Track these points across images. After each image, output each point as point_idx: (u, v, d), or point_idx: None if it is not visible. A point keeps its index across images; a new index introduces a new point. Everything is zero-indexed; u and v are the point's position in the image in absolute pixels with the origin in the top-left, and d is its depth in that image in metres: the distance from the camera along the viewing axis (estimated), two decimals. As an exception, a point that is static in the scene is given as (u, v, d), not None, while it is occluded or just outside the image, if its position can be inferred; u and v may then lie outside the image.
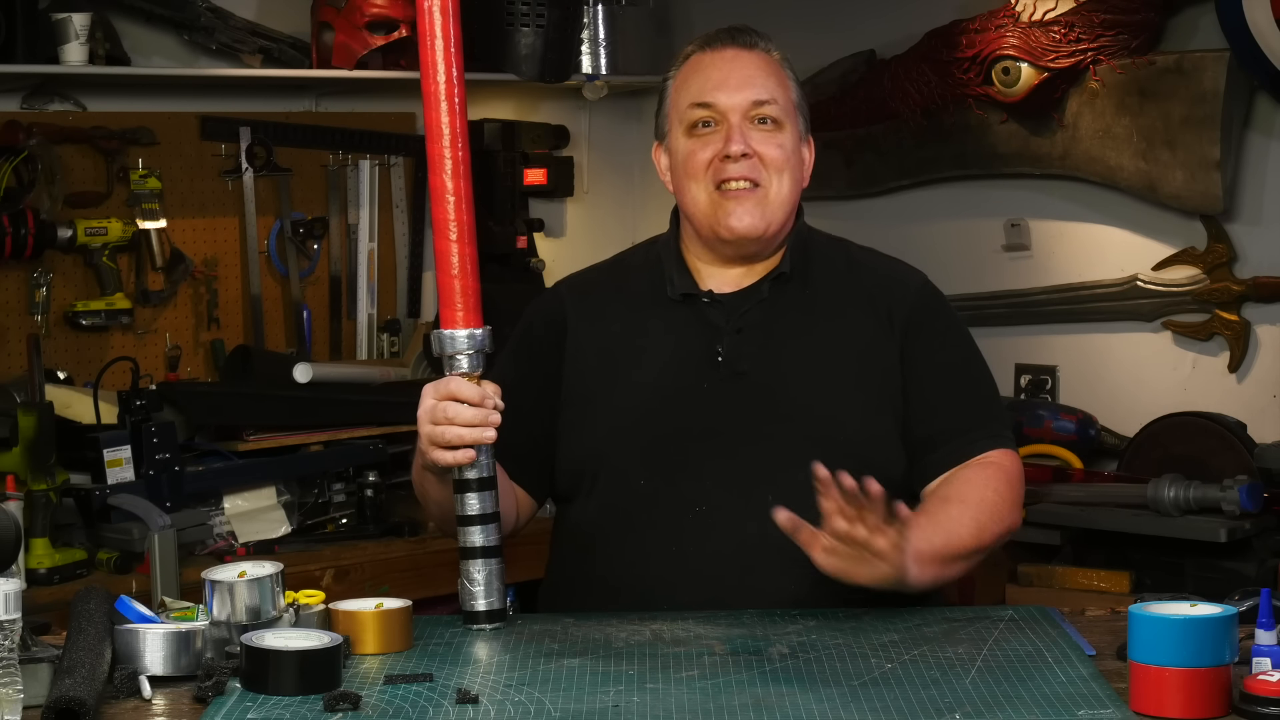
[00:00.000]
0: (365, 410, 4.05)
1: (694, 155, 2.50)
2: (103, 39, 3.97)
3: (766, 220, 2.48)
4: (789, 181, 2.50)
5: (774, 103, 2.50)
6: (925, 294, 2.58)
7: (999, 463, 2.48)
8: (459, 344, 2.25)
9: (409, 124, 4.64)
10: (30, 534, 3.34)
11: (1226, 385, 4.15)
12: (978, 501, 2.41)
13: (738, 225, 2.47)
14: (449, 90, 2.23)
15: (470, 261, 2.25)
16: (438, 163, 2.25)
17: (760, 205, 2.48)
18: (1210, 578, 3.73)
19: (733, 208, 2.47)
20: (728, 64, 2.52)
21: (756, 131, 2.49)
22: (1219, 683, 1.86)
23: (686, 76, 2.55)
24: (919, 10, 4.48)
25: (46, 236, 3.92)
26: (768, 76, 2.52)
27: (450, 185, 2.24)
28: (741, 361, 2.48)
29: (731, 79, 2.50)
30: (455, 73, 2.24)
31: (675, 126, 2.54)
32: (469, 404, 2.24)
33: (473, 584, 2.26)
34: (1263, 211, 4.09)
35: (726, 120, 2.49)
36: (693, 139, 2.51)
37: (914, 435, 2.49)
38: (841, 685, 1.99)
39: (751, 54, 2.53)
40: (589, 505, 2.51)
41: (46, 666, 1.96)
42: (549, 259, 4.77)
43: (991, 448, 2.49)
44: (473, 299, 2.26)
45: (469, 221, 2.25)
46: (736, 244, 2.50)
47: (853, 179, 4.65)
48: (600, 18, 4.59)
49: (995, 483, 2.45)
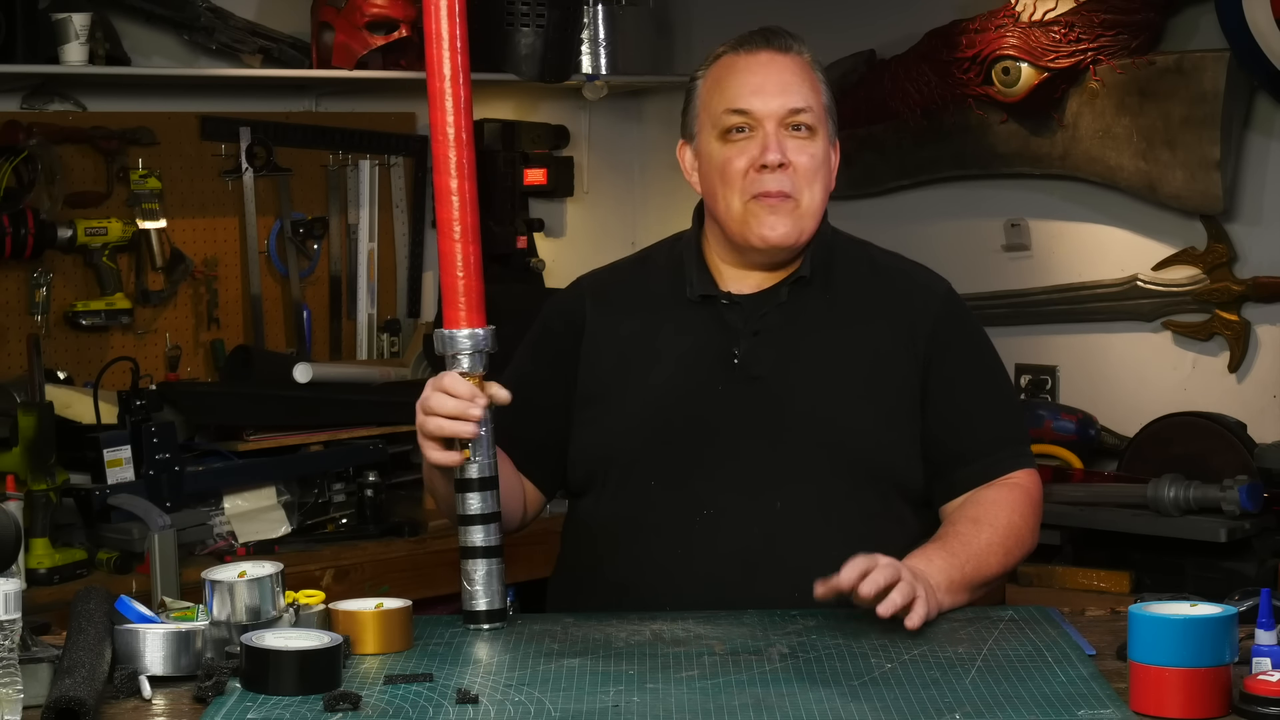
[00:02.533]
0: (365, 410, 4.05)
1: (730, 163, 2.47)
2: (103, 39, 3.97)
3: (799, 230, 2.47)
4: (820, 190, 2.49)
5: (809, 110, 2.48)
6: (951, 304, 2.56)
7: (1024, 485, 2.49)
8: (460, 344, 2.25)
9: (409, 124, 4.64)
10: (30, 534, 3.34)
11: (1226, 385, 4.15)
12: (1005, 526, 2.42)
13: (771, 235, 2.46)
14: (454, 91, 2.23)
15: (474, 261, 2.25)
16: (442, 163, 2.25)
17: (793, 216, 2.46)
18: (1210, 578, 3.73)
19: (766, 217, 2.46)
20: (763, 68, 2.49)
21: (791, 139, 2.47)
22: (1219, 683, 1.86)
23: (719, 78, 2.51)
24: (919, 10, 4.48)
25: (46, 236, 3.92)
26: (802, 82, 2.49)
27: (454, 186, 2.24)
28: (757, 365, 2.47)
29: (768, 85, 2.47)
30: (461, 74, 2.23)
31: (706, 129, 2.51)
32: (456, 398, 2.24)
33: (473, 584, 2.26)
34: (1263, 211, 4.09)
35: (762, 127, 2.46)
36: (727, 145, 2.48)
37: (941, 450, 2.48)
38: (841, 685, 1.99)
39: (786, 58, 2.50)
40: (601, 502, 2.51)
41: (46, 666, 1.96)
42: (549, 259, 4.77)
43: (1016, 467, 2.50)
44: (476, 298, 2.26)
45: (473, 222, 2.25)
46: (768, 253, 2.50)
47: (853, 179, 4.64)
48: (600, 18, 4.59)
49: (1021, 506, 2.46)
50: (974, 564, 2.35)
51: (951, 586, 2.30)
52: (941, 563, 2.32)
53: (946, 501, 2.49)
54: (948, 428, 2.48)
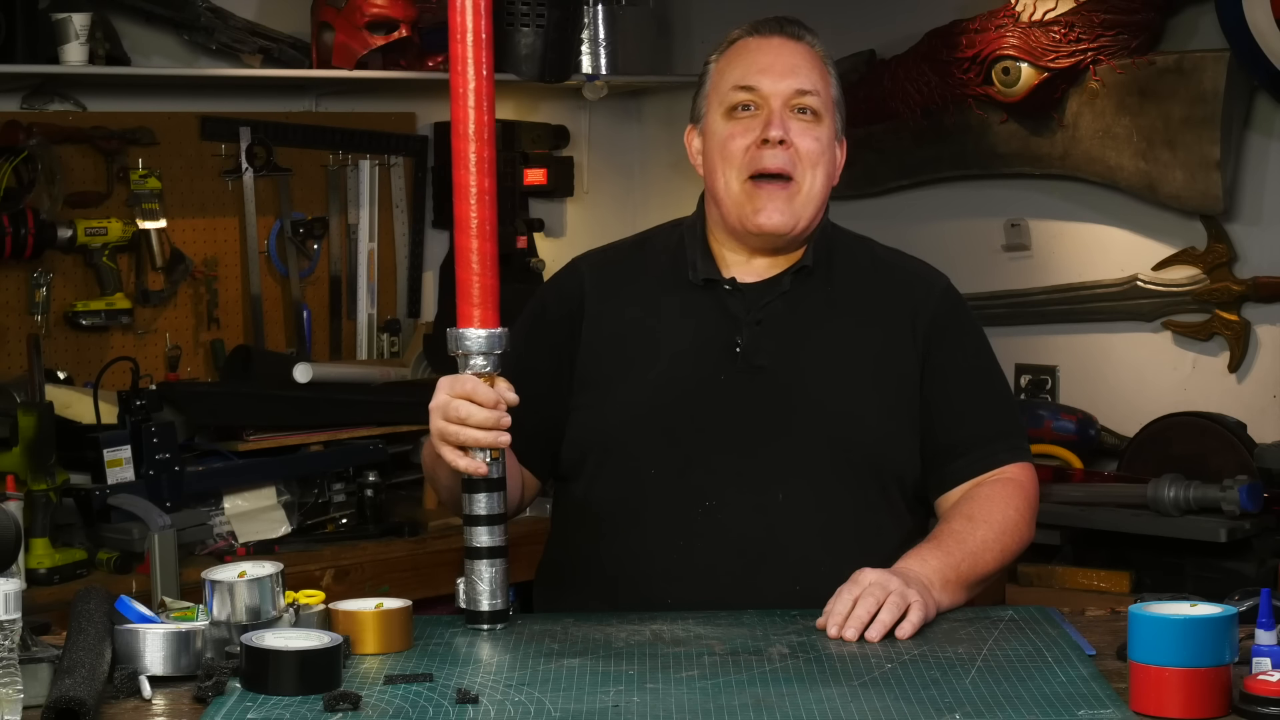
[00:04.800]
0: (365, 410, 4.05)
1: (731, 139, 2.48)
2: (103, 39, 3.97)
3: (796, 217, 2.47)
4: (821, 177, 2.49)
5: (816, 94, 2.49)
6: (949, 298, 2.57)
7: (1018, 479, 2.49)
8: (472, 343, 2.22)
9: (409, 124, 4.64)
10: (30, 534, 3.34)
11: (1226, 385, 4.15)
12: (1000, 522, 2.42)
13: (766, 223, 2.46)
14: (478, 87, 2.21)
15: (490, 260, 2.22)
16: (462, 159, 2.22)
17: (790, 202, 2.46)
18: (1210, 578, 3.73)
19: (763, 203, 2.46)
20: (774, 50, 2.51)
21: (796, 121, 2.47)
22: (1219, 683, 1.86)
23: (731, 59, 2.53)
24: (919, 10, 4.48)
25: (46, 236, 3.92)
26: (812, 69, 2.50)
27: (474, 182, 2.21)
28: (760, 355, 2.47)
29: (777, 65, 2.49)
30: (485, 69, 2.21)
31: (714, 108, 2.52)
32: (482, 405, 2.21)
33: (478, 584, 2.26)
34: (1263, 211, 4.09)
35: (768, 105, 2.47)
36: (732, 121, 2.49)
37: (936, 442, 2.49)
38: (841, 685, 1.99)
39: (798, 45, 2.52)
40: (595, 488, 2.50)
41: (46, 666, 1.96)
42: (549, 259, 4.77)
43: (1011, 460, 2.50)
44: (491, 298, 2.22)
45: (491, 219, 2.22)
46: (763, 239, 2.50)
47: (853, 179, 4.63)
48: (600, 18, 4.59)
49: (1015, 500, 2.46)
50: (970, 562, 2.35)
51: (947, 586, 2.30)
52: (936, 562, 2.32)
53: (942, 494, 2.49)
54: (941, 419, 2.49)
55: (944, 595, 2.29)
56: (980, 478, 2.48)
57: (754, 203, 2.46)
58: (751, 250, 2.53)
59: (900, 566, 2.29)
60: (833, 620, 2.19)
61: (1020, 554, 2.48)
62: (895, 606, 2.19)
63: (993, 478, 2.48)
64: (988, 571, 2.39)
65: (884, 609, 2.18)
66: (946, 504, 2.48)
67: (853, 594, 2.20)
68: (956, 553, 2.34)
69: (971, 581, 2.36)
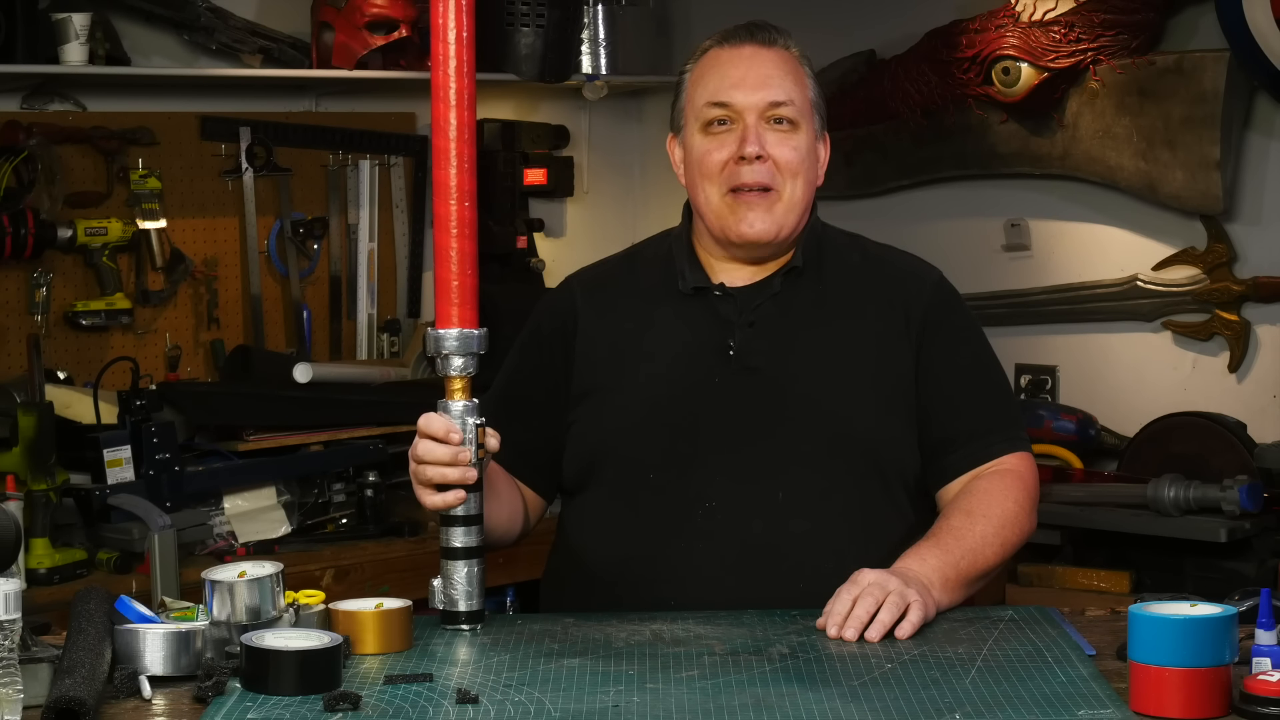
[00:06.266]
0: (365, 410, 4.05)
1: (709, 155, 2.48)
2: (103, 39, 3.98)
3: (778, 225, 2.47)
4: (802, 185, 2.48)
5: (790, 103, 2.47)
6: (942, 291, 2.56)
7: (1016, 470, 2.49)
8: (448, 344, 2.23)
9: (409, 124, 4.65)
10: (30, 534, 3.34)
11: (1226, 385, 4.16)
12: (1000, 515, 2.42)
13: (748, 232, 2.46)
14: (459, 85, 2.21)
15: (469, 259, 2.22)
16: (443, 158, 2.22)
17: (771, 211, 2.46)
18: (1210, 578, 3.73)
19: (744, 213, 2.46)
20: (745, 62, 2.49)
21: (772, 133, 2.46)
22: (1219, 683, 1.86)
23: (704, 72, 2.52)
24: (919, 10, 4.48)
25: (46, 236, 3.93)
26: (785, 76, 2.49)
27: (454, 181, 2.22)
28: (753, 356, 2.47)
29: (749, 78, 2.47)
30: (466, 67, 2.21)
31: (690, 122, 2.52)
32: (437, 440, 2.20)
33: (454, 585, 2.25)
34: (1263, 211, 4.09)
35: (742, 120, 2.46)
36: (708, 138, 2.48)
37: (932, 436, 2.48)
38: (841, 685, 1.99)
39: (770, 51, 2.50)
40: (598, 496, 2.51)
41: (46, 666, 1.96)
42: (549, 259, 4.77)
43: (1009, 451, 2.49)
44: (469, 297, 2.22)
45: (471, 218, 2.23)
46: (748, 248, 2.50)
47: (853, 179, 4.65)
48: (600, 18, 4.59)
49: (1015, 492, 2.46)
50: (970, 558, 2.35)
51: (947, 584, 2.30)
52: (936, 561, 2.32)
53: (941, 486, 2.49)
54: (937, 413, 2.49)
55: (944, 594, 2.29)
56: (978, 469, 2.48)
57: (735, 213, 2.47)
58: (736, 258, 2.53)
59: (899, 566, 2.29)
60: (832, 620, 2.19)
61: (1022, 545, 2.47)
62: (895, 606, 2.19)
63: (991, 469, 2.48)
64: (988, 567, 2.39)
65: (883, 609, 2.18)
66: (946, 497, 2.48)
67: (852, 594, 2.20)
68: (956, 550, 2.34)
69: (972, 578, 2.36)
